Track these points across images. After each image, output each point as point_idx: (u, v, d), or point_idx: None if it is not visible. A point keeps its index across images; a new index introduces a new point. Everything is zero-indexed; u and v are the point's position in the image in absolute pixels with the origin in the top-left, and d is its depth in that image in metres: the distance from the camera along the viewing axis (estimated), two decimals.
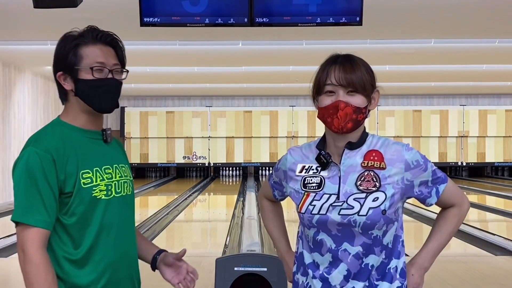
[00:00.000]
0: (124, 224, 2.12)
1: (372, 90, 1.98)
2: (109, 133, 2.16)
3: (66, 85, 2.09)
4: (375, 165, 1.93)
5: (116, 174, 2.12)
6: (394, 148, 1.97)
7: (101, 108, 2.09)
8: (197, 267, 2.35)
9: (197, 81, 15.88)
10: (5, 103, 12.76)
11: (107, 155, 2.12)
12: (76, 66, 2.06)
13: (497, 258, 7.15)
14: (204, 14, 4.89)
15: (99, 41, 2.09)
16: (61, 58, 2.09)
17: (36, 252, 1.93)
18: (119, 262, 2.09)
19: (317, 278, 1.96)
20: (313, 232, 1.97)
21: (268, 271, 3.01)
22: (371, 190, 1.91)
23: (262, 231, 8.95)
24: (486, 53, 11.41)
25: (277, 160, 17.65)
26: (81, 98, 2.08)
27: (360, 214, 1.90)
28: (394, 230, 1.97)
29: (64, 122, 2.11)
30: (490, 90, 18.79)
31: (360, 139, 1.98)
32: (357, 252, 1.92)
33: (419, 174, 1.98)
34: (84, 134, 2.10)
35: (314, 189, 1.96)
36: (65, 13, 5.34)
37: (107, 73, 2.08)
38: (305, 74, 14.51)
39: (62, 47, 2.10)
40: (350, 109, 1.91)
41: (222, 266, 3.03)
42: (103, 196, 2.05)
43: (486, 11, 7.76)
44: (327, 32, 8.58)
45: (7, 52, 11.33)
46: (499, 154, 19.73)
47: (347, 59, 1.97)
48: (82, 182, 2.02)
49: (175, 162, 19.47)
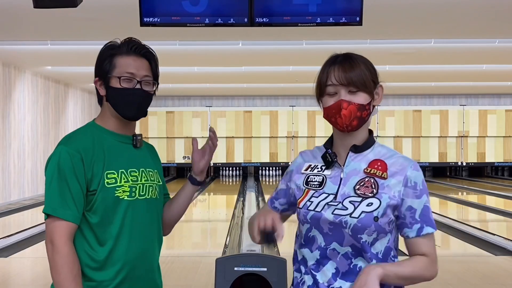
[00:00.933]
0: (145, 226, 2.21)
1: (375, 86, 1.99)
2: (139, 139, 2.27)
3: (101, 90, 2.24)
4: (377, 174, 1.95)
5: (142, 178, 2.22)
6: (400, 162, 1.97)
7: (126, 115, 2.22)
8: (197, 267, 2.37)
9: (197, 81, 15.89)
10: (5, 103, 12.76)
11: (134, 159, 2.23)
12: (109, 74, 2.20)
13: (497, 258, 7.15)
14: (204, 14, 4.89)
15: (134, 53, 2.24)
16: (98, 65, 2.23)
17: (64, 244, 2.06)
18: (135, 261, 2.17)
19: (309, 274, 1.99)
20: (306, 228, 2.00)
21: (268, 271, 3.01)
22: (367, 196, 1.93)
23: None
24: (486, 53, 11.41)
25: (277, 160, 17.60)
26: (110, 104, 2.22)
27: (352, 216, 1.92)
28: (386, 242, 1.95)
29: (98, 124, 2.24)
30: (490, 90, 18.80)
31: (366, 143, 2.00)
32: (346, 252, 1.94)
33: (411, 197, 1.94)
34: (114, 137, 2.22)
35: (315, 187, 2.00)
36: (65, 13, 5.34)
37: (135, 83, 2.20)
38: (305, 74, 14.52)
39: (101, 54, 2.24)
40: (354, 107, 1.94)
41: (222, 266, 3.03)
42: (126, 197, 2.16)
43: (486, 11, 7.76)
44: (327, 32, 8.58)
45: (7, 52, 11.32)
46: (499, 154, 19.74)
47: (345, 58, 1.99)
48: (106, 181, 2.14)
49: (175, 162, 19.47)
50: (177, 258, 7.01)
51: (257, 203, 12.54)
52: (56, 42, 10.12)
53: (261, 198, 13.57)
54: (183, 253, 7.93)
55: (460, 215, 11.89)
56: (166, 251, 8.33)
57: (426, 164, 19.55)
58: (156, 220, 2.27)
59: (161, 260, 2.34)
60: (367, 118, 1.98)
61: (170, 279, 5.90)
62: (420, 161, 19.26)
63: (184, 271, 6.24)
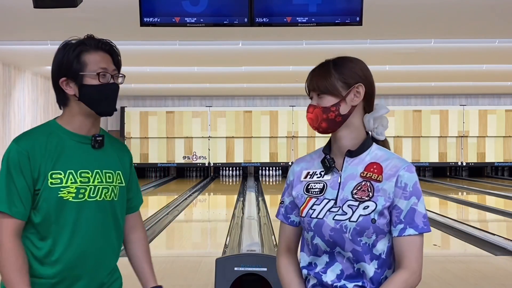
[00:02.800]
0: (94, 228, 2.21)
1: (347, 87, 2.01)
2: (99, 140, 2.25)
3: (69, 90, 2.21)
4: (372, 177, 1.98)
5: (95, 179, 2.22)
6: (394, 164, 1.99)
7: (104, 111, 2.23)
8: (197, 267, 2.37)
9: (197, 81, 15.89)
10: (5, 103, 12.76)
11: (90, 160, 2.23)
12: (81, 72, 2.19)
13: (497, 258, 7.15)
14: (204, 14, 4.89)
15: (100, 49, 2.23)
16: (64, 65, 2.20)
17: (8, 239, 2.11)
18: (76, 261, 2.19)
19: (312, 275, 2.04)
20: (311, 235, 2.03)
21: (268, 271, 3.01)
22: (363, 199, 1.97)
23: (262, 231, 8.95)
24: (486, 53, 11.40)
25: (277, 160, 17.60)
26: (85, 102, 2.20)
27: (351, 220, 1.96)
28: (387, 242, 1.99)
29: (58, 124, 2.24)
30: (490, 90, 18.80)
31: (361, 146, 2.03)
32: (348, 257, 1.98)
33: (399, 197, 1.96)
34: (74, 137, 2.22)
35: (316, 194, 2.03)
36: (65, 13, 5.34)
37: (109, 78, 2.22)
38: (305, 74, 14.35)
39: (65, 54, 2.21)
40: (319, 110, 2.03)
41: (222, 266, 3.03)
42: (71, 198, 2.17)
43: (486, 11, 7.76)
44: (327, 32, 8.57)
45: (7, 52, 11.33)
46: (499, 154, 19.74)
47: (320, 65, 2.10)
48: (50, 181, 2.15)
49: (175, 162, 19.47)
50: (177, 258, 7.01)
51: (257, 203, 12.54)
52: (56, 42, 10.06)
53: (261, 198, 13.57)
54: (183, 253, 7.93)
55: (460, 215, 11.89)
56: (166, 251, 8.34)
57: (426, 164, 19.55)
58: (111, 221, 2.26)
59: (161, 260, 2.34)
60: (338, 119, 2.01)
61: (170, 279, 5.90)
62: (420, 161, 19.27)
63: (184, 271, 6.23)
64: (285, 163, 19.51)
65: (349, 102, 2.01)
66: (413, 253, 1.95)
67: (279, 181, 18.96)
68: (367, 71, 2.07)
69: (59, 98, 2.26)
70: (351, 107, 2.01)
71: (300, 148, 19.43)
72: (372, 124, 2.05)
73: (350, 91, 2.01)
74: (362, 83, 2.02)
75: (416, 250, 1.95)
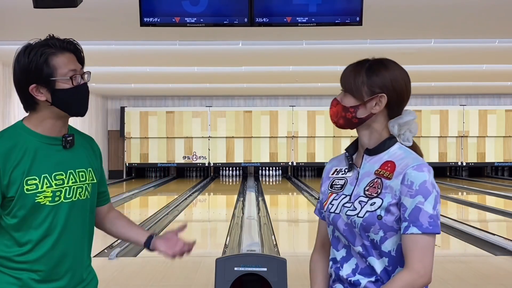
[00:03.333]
0: (70, 227, 2.20)
1: (370, 94, 2.03)
2: (70, 139, 2.22)
3: (40, 96, 2.15)
4: (384, 175, 2.01)
5: (69, 180, 2.19)
6: (406, 162, 2.00)
7: (79, 112, 2.20)
8: (197, 267, 2.37)
9: (197, 81, 15.88)
10: (5, 103, 12.76)
11: (62, 161, 2.19)
12: (52, 77, 2.13)
13: (497, 258, 7.15)
14: (204, 14, 4.89)
15: (65, 49, 2.18)
16: (32, 71, 2.14)
17: None
18: (57, 261, 2.18)
19: (332, 268, 2.11)
20: (331, 229, 2.11)
21: (268, 271, 3.01)
22: (372, 196, 2.00)
23: (262, 231, 8.96)
24: (486, 53, 11.40)
25: (277, 160, 17.61)
26: (58, 106, 2.15)
27: (359, 215, 2.00)
28: (398, 239, 1.99)
29: (26, 127, 2.18)
30: (490, 90, 18.80)
31: (379, 146, 2.06)
32: (359, 251, 2.02)
33: (405, 194, 1.96)
34: (43, 140, 2.17)
35: (337, 189, 2.11)
36: (65, 13, 5.34)
37: (79, 79, 2.18)
38: (305, 74, 14.52)
39: (32, 60, 2.15)
40: (340, 107, 2.08)
41: (222, 266, 3.03)
42: (48, 202, 2.14)
43: (486, 11, 7.76)
44: (327, 32, 8.57)
45: (7, 52, 11.32)
46: (499, 154, 19.74)
47: (357, 63, 2.11)
48: (26, 188, 2.10)
49: (175, 162, 19.47)
50: (177, 258, 7.00)
51: (257, 203, 12.54)
52: None
53: (261, 198, 13.58)
54: None
55: (460, 215, 11.89)
56: None
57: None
58: (87, 219, 2.27)
59: (161, 260, 2.35)
60: (355, 121, 2.05)
61: (170, 279, 5.90)
62: None
63: (184, 271, 6.23)
64: (285, 163, 19.51)
65: (369, 108, 2.04)
66: (416, 253, 1.93)
67: (279, 181, 18.96)
68: (398, 81, 2.06)
69: (27, 104, 2.19)
70: (370, 113, 2.04)
71: (300, 148, 19.43)
72: (396, 130, 2.07)
73: (372, 98, 2.04)
74: (386, 94, 2.03)
75: (419, 250, 1.93)
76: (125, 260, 6.78)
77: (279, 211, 12.49)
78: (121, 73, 13.86)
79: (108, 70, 13.34)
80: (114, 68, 13.19)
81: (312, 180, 19.22)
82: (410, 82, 2.09)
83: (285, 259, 3.05)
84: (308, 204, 13.26)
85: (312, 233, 10.14)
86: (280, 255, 6.72)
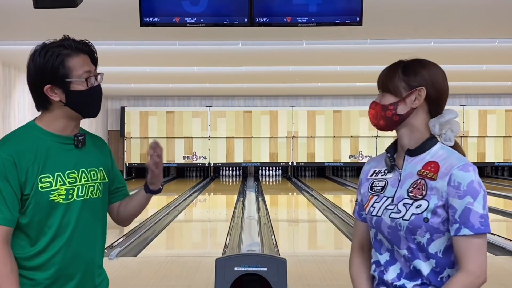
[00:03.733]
0: (82, 226, 2.21)
1: (409, 89, 2.04)
2: (81, 139, 2.24)
3: (54, 96, 2.17)
4: (428, 175, 1.98)
5: (82, 179, 2.22)
6: (450, 163, 1.98)
7: (92, 114, 2.23)
8: (197, 267, 2.36)
9: (197, 81, 15.88)
10: (5, 103, 12.76)
11: (75, 160, 2.22)
12: (67, 78, 2.16)
13: (497, 258, 7.14)
14: (204, 14, 4.89)
15: (81, 51, 2.21)
16: (48, 72, 2.15)
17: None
18: (70, 261, 2.19)
19: (376, 272, 2.09)
20: (373, 232, 2.09)
21: (268, 271, 3.01)
22: (417, 198, 1.98)
23: (262, 231, 8.95)
24: (486, 53, 11.40)
25: (277, 160, 17.58)
26: (72, 107, 2.18)
27: (404, 218, 1.97)
28: (445, 241, 1.97)
29: (39, 126, 2.21)
30: (490, 90, 18.79)
31: (421, 146, 2.04)
32: (404, 254, 2.00)
33: (452, 196, 1.94)
34: (56, 139, 2.20)
35: (378, 191, 2.09)
36: (65, 13, 5.34)
37: (94, 80, 2.21)
38: (305, 74, 14.51)
39: (48, 60, 2.16)
40: (379, 107, 2.07)
41: (222, 266, 3.03)
42: (61, 200, 2.16)
43: (486, 11, 7.76)
44: (327, 32, 8.57)
45: (7, 52, 11.32)
46: (499, 154, 19.74)
47: (392, 64, 2.12)
48: (40, 186, 2.13)
49: (175, 162, 19.47)
50: (177, 258, 7.01)
51: (257, 203, 12.54)
52: None
53: (261, 198, 13.57)
54: (183, 253, 7.93)
55: None
56: (166, 251, 8.33)
57: None
58: (99, 218, 2.29)
59: (161, 260, 2.35)
60: (395, 119, 2.04)
61: (170, 279, 5.90)
62: None
63: (184, 271, 6.23)
64: (285, 163, 19.51)
65: (409, 103, 2.04)
66: (469, 254, 1.91)
67: (279, 181, 18.96)
68: (436, 77, 2.10)
69: (40, 102, 2.21)
70: (410, 109, 2.04)
71: (300, 148, 19.43)
72: (437, 129, 2.06)
73: (411, 93, 2.04)
74: (425, 87, 2.05)
75: (473, 251, 1.91)
76: (125, 260, 6.78)
77: (279, 211, 12.49)
78: (121, 73, 13.86)
79: (108, 70, 13.33)
80: (114, 68, 13.19)
81: (312, 180, 19.22)
82: (447, 80, 2.15)
83: (285, 259, 3.06)
84: (308, 204, 13.27)
85: (312, 233, 10.15)
86: (280, 255, 6.72)
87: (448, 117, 2.09)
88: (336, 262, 6.72)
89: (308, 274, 6.21)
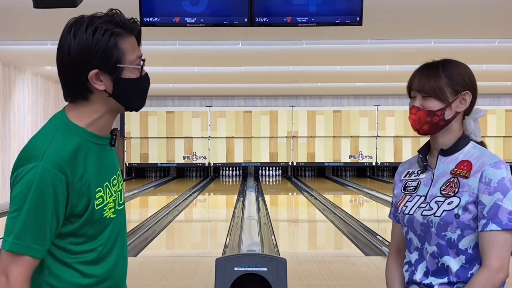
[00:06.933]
0: (120, 236, 1.91)
1: (455, 93, 2.07)
2: (115, 134, 1.88)
3: (99, 84, 1.75)
4: (461, 174, 2.02)
5: (119, 184, 1.89)
6: (482, 161, 2.02)
7: (138, 106, 1.85)
8: (197, 267, 2.35)
9: (197, 81, 15.89)
10: (5, 103, 12.76)
11: (112, 162, 1.88)
12: (120, 63, 1.75)
13: None
14: (204, 14, 4.90)
15: (132, 31, 1.80)
16: (98, 54, 1.73)
17: (22, 283, 1.67)
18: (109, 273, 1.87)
19: (408, 272, 2.12)
20: (405, 231, 2.13)
21: (268, 271, 3.01)
22: (449, 195, 2.01)
23: (262, 231, 8.95)
24: (486, 53, 11.40)
25: (277, 160, 17.59)
26: (118, 98, 1.78)
27: (436, 215, 2.01)
28: (476, 237, 1.99)
29: (78, 126, 1.78)
30: (490, 90, 18.79)
31: (454, 146, 2.08)
32: (433, 251, 2.03)
33: (482, 192, 1.97)
34: (97, 140, 1.81)
35: (411, 191, 2.12)
36: (65, 13, 5.33)
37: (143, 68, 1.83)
38: (305, 74, 14.52)
39: (99, 40, 1.73)
40: (423, 113, 2.07)
41: (222, 266, 3.03)
42: (111, 215, 1.83)
43: (486, 11, 7.76)
44: (327, 32, 8.57)
45: (7, 52, 11.32)
46: (499, 154, 19.73)
47: (428, 66, 2.16)
48: (96, 203, 1.76)
49: (175, 162, 19.47)
50: (177, 258, 7.01)
51: (257, 203, 12.54)
52: (56, 42, 10.10)
53: (261, 198, 13.57)
54: (183, 253, 7.93)
55: None
56: (166, 251, 8.33)
57: None
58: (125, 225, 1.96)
59: (161, 260, 2.34)
60: (441, 124, 2.06)
61: (170, 279, 5.90)
62: None
63: (184, 271, 6.23)
64: (285, 163, 19.51)
65: (454, 108, 2.07)
66: (494, 249, 1.93)
67: (279, 181, 18.96)
68: (473, 78, 2.14)
69: (77, 91, 1.77)
70: (455, 113, 2.07)
71: (300, 148, 19.43)
72: (472, 126, 2.10)
73: (456, 98, 2.07)
74: (469, 91, 2.08)
75: (498, 246, 1.94)
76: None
77: (279, 211, 12.49)
78: None
79: None
80: None
81: (312, 180, 19.22)
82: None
83: (285, 259, 3.06)
84: (308, 204, 13.27)
85: (312, 233, 10.15)
86: (280, 255, 6.72)
87: (481, 114, 2.13)
88: (336, 262, 6.73)
89: (308, 274, 6.21)
